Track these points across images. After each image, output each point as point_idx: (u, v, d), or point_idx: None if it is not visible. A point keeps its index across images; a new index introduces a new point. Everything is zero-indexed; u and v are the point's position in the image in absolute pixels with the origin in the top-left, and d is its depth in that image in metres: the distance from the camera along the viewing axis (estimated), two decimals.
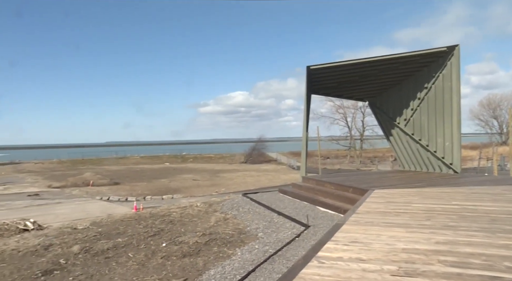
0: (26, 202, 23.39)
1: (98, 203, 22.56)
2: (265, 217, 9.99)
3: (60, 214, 17.79)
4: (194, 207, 12.14)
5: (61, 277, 6.11)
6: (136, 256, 7.02)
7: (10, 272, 6.34)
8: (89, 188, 29.98)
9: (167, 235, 8.54)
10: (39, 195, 26.81)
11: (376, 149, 59.67)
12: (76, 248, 7.56)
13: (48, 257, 7.13)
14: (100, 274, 6.18)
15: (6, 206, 21.99)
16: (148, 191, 27.97)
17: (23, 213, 16.95)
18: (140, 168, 50.09)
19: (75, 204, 22.06)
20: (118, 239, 8.24)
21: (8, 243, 8.69)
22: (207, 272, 6.05)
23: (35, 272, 6.26)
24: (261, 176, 37.68)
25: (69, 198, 25.37)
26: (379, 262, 3.56)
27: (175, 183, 32.94)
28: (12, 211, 19.68)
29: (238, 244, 7.61)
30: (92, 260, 6.92)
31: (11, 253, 7.50)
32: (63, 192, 28.70)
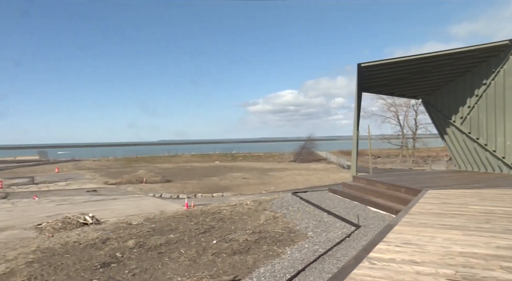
0: (85, 197, 24.61)
1: (151, 199, 23.31)
2: (315, 216, 9.87)
3: (116, 209, 18.55)
4: (244, 205, 12.22)
5: (117, 269, 6.35)
6: (188, 252, 7.16)
7: (73, 262, 6.69)
8: (143, 185, 31.03)
9: (217, 232, 8.65)
10: (96, 191, 28.13)
11: (430, 148, 57.40)
12: (131, 242, 7.83)
13: (106, 250, 7.43)
14: (153, 268, 6.36)
15: (68, 200, 23.25)
16: (199, 189, 28.53)
17: (83, 208, 17.85)
18: (191, 166, 51.24)
19: (129, 200, 22.92)
20: (170, 235, 8.44)
21: (70, 235, 9.18)
22: (257, 270, 6.06)
23: (95, 264, 6.55)
24: (311, 175, 37.35)
25: (124, 194, 26.40)
26: (434, 265, 3.41)
27: (225, 181, 33.39)
28: (73, 205, 20.77)
29: (288, 243, 7.57)
30: (146, 254, 7.13)
31: (73, 245, 7.91)
32: (118, 188, 29.91)
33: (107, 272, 6.23)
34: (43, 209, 20.23)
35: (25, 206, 21.98)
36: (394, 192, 10.51)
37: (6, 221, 16.44)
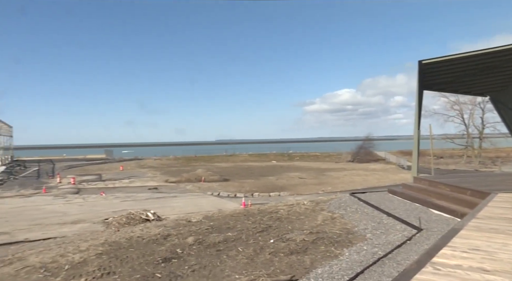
0: (147, 195, 25.68)
1: (209, 198, 23.86)
2: (374, 218, 9.63)
3: (176, 206, 19.18)
4: (301, 205, 12.18)
5: (178, 265, 6.57)
6: (245, 250, 7.26)
7: (137, 256, 7.03)
8: (201, 184, 31.83)
9: (274, 231, 8.70)
10: (157, 189, 29.25)
11: (499, 148, 53.86)
12: (190, 239, 8.07)
13: (167, 246, 7.72)
14: (212, 265, 6.51)
15: (132, 197, 24.37)
16: (256, 188, 28.81)
17: (145, 205, 18.63)
18: (248, 165, 51.82)
19: (188, 198, 23.59)
20: (229, 233, 8.60)
21: (134, 230, 9.64)
22: (314, 271, 6.02)
23: (157, 258, 6.83)
24: (369, 175, 36.46)
25: (183, 192, 27.23)
26: (507, 275, 3.18)
27: (281, 181, 33.44)
28: (136, 202, 21.75)
29: (346, 244, 7.45)
30: (205, 251, 7.32)
31: (137, 240, 8.30)
32: (178, 186, 30.90)
33: (168, 267, 6.48)
34: (109, 204, 21.37)
35: (94, 201, 23.33)
36: (458, 194, 10.01)
37: (78, 215, 17.55)
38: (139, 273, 6.16)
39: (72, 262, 6.88)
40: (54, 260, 7.07)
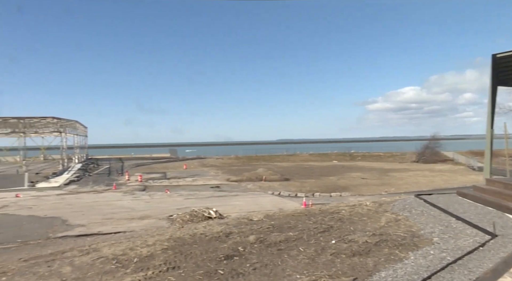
0: (209, 193, 26.34)
1: (270, 197, 23.98)
2: (441, 221, 9.18)
3: (237, 205, 19.48)
4: (363, 205, 11.90)
5: (239, 263, 6.68)
6: (307, 250, 7.23)
7: (200, 252, 7.24)
8: (262, 183, 32.07)
9: (336, 232, 8.58)
10: (219, 187, 29.88)
11: None
12: (252, 238, 8.17)
13: (229, 243, 7.88)
14: (273, 264, 6.55)
15: (195, 195, 25.11)
16: (317, 188, 28.55)
17: (207, 203, 19.12)
18: (308, 165, 51.48)
19: (249, 197, 23.85)
20: (290, 233, 8.61)
21: (197, 227, 9.94)
22: (378, 274, 5.87)
23: (219, 255, 7.00)
24: (436, 177, 34.81)
25: (245, 191, 27.59)
26: None
27: (343, 181, 32.88)
28: (199, 200, 22.38)
29: (411, 248, 7.18)
30: (266, 250, 7.38)
31: (200, 237, 8.55)
32: (239, 185, 31.36)
33: (230, 264, 6.60)
34: (173, 202, 22.17)
35: (159, 198, 24.32)
36: None
37: (145, 211, 18.39)
38: (202, 269, 6.34)
39: (140, 255, 7.23)
40: (124, 253, 7.47)
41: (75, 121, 54.08)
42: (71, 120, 50.90)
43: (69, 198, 25.85)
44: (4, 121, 45.38)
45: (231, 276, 6.03)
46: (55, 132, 49.18)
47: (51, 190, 31.24)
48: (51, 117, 43.99)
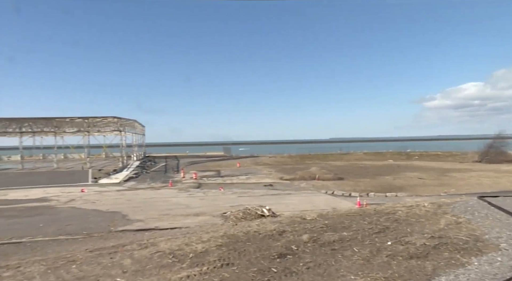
0: (262, 191, 26.51)
1: (323, 196, 23.75)
2: (509, 226, 8.62)
3: (290, 204, 19.46)
4: (421, 206, 11.46)
5: (293, 261, 6.67)
6: (361, 251, 7.08)
7: (254, 250, 7.32)
8: (315, 182, 31.82)
9: (392, 233, 8.33)
10: (272, 186, 29.99)
11: None
12: (305, 237, 8.13)
13: (282, 242, 7.89)
14: (327, 264, 6.48)
15: (248, 193, 25.38)
16: (371, 188, 27.89)
17: (260, 201, 19.26)
18: (363, 164, 50.40)
19: (302, 196, 23.76)
20: (344, 233, 8.47)
21: (251, 225, 10.03)
22: (437, 279, 5.63)
23: (272, 253, 7.03)
24: (501, 178, 32.80)
25: (297, 190, 27.51)
26: None
27: (399, 181, 31.87)
28: (252, 198, 22.59)
29: (474, 253, 6.81)
30: (320, 250, 7.31)
31: (253, 234, 8.63)
32: (292, 184, 31.32)
33: (283, 263, 6.61)
34: (227, 199, 22.53)
35: (213, 195, 24.81)
36: None
37: (200, 208, 18.85)
38: (255, 266, 6.40)
39: (196, 251, 7.42)
40: (180, 248, 7.71)
41: (134, 121, 56.51)
42: (130, 119, 53.25)
43: (128, 194, 27.05)
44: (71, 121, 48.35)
45: (284, 275, 6.04)
46: (115, 131, 51.66)
47: (112, 186, 32.86)
48: (112, 117, 46.28)
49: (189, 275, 6.03)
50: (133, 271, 6.40)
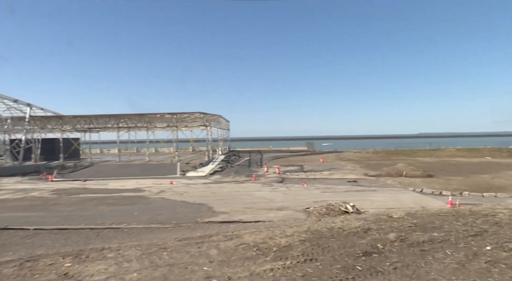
0: (346, 187, 25.98)
1: (411, 194, 22.64)
2: None
3: (375, 201, 18.84)
4: None
5: (379, 260, 6.42)
6: (455, 254, 6.60)
7: (338, 246, 7.17)
8: (402, 179, 30.44)
9: (491, 237, 7.64)
10: (356, 182, 29.26)
11: None
12: (392, 235, 7.79)
13: (367, 240, 7.63)
14: (416, 265, 6.14)
15: (331, 189, 25.03)
16: (465, 187, 25.97)
17: (343, 197, 18.87)
18: (455, 160, 47.12)
19: (388, 193, 22.88)
20: (434, 233, 7.97)
21: (335, 221, 9.87)
22: None
23: (357, 251, 6.83)
24: None
25: (383, 186, 26.52)
26: None
27: (499, 180, 29.29)
28: (335, 194, 22.24)
29: None
30: (408, 250, 6.96)
31: (338, 231, 8.47)
32: (377, 180, 30.27)
33: (368, 261, 6.39)
34: (310, 194, 22.43)
35: (296, 190, 24.85)
36: None
37: (283, 202, 18.99)
38: (339, 263, 6.26)
39: (279, 245, 7.46)
40: (264, 241, 7.81)
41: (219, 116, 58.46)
42: (215, 115, 55.19)
43: (213, 187, 28.10)
44: (161, 117, 51.39)
45: (369, 273, 5.84)
46: (202, 126, 53.86)
47: (199, 179, 34.37)
48: (199, 112, 48.31)
49: (273, 268, 6.08)
50: (219, 261, 6.61)
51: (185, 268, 6.35)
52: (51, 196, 25.15)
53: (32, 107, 49.15)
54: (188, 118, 53.80)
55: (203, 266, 6.37)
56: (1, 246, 10.89)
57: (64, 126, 56.38)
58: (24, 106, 48.54)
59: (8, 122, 48.07)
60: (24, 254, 8.87)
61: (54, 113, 52.46)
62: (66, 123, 55.77)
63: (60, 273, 6.37)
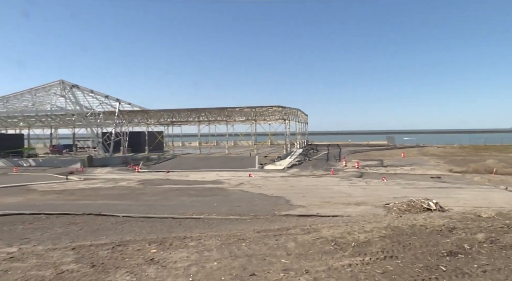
0: (428, 183, 24.76)
1: (502, 193, 21.00)
2: None
3: (461, 198, 17.75)
4: None
5: (465, 261, 6.10)
6: None
7: (420, 245, 6.92)
8: (492, 176, 28.32)
9: None
10: (440, 178, 27.77)
11: None
12: (480, 236, 7.35)
13: (452, 239, 7.27)
14: (509, 270, 5.72)
15: (412, 184, 24.02)
16: None
17: (426, 193, 18.03)
18: None
19: (475, 191, 21.48)
20: None
21: (417, 218, 9.50)
22: None
23: (441, 250, 6.54)
24: None
25: (470, 184, 24.92)
26: None
27: None
28: (417, 190, 21.32)
29: None
30: (499, 252, 6.51)
31: (420, 228, 8.16)
32: (463, 177, 28.47)
33: (453, 262, 6.10)
34: (390, 190, 21.72)
35: (376, 185, 24.20)
36: None
37: (361, 197, 18.63)
38: (421, 262, 6.05)
39: (358, 240, 7.38)
40: (342, 236, 7.76)
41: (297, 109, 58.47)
42: (293, 108, 55.28)
43: (291, 180, 28.27)
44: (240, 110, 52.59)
45: (455, 275, 5.57)
46: (280, 119, 54.24)
47: (276, 172, 34.76)
48: (277, 106, 48.71)
49: (351, 264, 6.04)
50: (297, 254, 6.70)
51: (263, 259, 6.53)
52: (138, 186, 27.00)
53: (121, 102, 52.72)
54: (266, 112, 54.48)
55: (280, 258, 6.51)
56: (96, 230, 11.95)
57: (149, 120, 59.94)
58: (113, 101, 52.25)
59: (100, 117, 52.16)
60: (115, 238, 9.68)
61: (140, 107, 55.84)
62: (151, 117, 59.26)
63: (147, 258, 6.88)
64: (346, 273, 5.67)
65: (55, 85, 48.23)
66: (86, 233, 11.57)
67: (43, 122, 63.46)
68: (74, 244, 8.81)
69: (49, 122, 64.61)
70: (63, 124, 65.56)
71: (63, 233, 11.65)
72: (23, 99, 51.74)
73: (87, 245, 8.31)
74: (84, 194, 23.53)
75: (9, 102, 51.91)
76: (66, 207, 17.58)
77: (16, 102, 52.39)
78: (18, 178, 34.35)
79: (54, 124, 66.72)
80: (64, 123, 64.70)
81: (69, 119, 56.48)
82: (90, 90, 49.75)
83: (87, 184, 29.14)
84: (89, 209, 16.10)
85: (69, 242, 9.53)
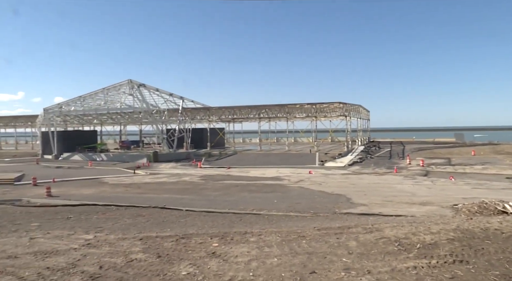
0: (503, 184, 23.08)
1: None
2: None
3: None
4: None
5: None
6: None
7: (495, 250, 6.38)
8: None
9: None
10: None
11: None
12: None
13: None
14: None
15: (484, 185, 22.52)
16: None
17: (500, 195, 16.83)
18: None
19: None
20: None
21: (490, 221, 8.83)
22: None
23: None
24: None
25: None
26: None
27: None
28: (490, 191, 19.95)
29: None
30: None
31: (494, 232, 7.56)
32: None
33: None
34: (458, 190, 20.52)
35: (442, 185, 22.99)
36: None
37: (427, 197, 17.76)
38: (497, 269, 5.57)
39: (423, 242, 6.99)
40: (406, 237, 7.39)
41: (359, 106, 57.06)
42: (355, 104, 54.00)
43: (352, 178, 27.62)
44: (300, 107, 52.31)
45: None
46: (341, 116, 53.23)
47: (337, 169, 34.15)
48: (338, 102, 47.84)
49: (416, 266, 5.72)
50: (358, 254, 6.48)
51: (324, 257, 6.38)
52: (200, 181, 27.68)
53: (184, 100, 54.32)
54: (327, 109, 53.66)
55: (341, 257, 6.32)
56: (161, 223, 12.40)
57: (211, 117, 61.31)
58: (177, 99, 53.94)
59: (165, 114, 54.16)
60: (179, 231, 9.98)
61: (203, 105, 57.21)
62: (213, 114, 60.58)
63: (209, 251, 6.99)
64: (411, 276, 5.37)
65: (124, 85, 50.66)
66: (152, 225, 12.07)
67: (114, 119, 67.00)
68: (142, 235, 9.23)
69: (119, 120, 68.07)
70: (131, 121, 68.79)
71: (132, 224, 12.25)
72: (97, 98, 55.00)
73: (153, 236, 8.66)
74: (149, 188, 24.56)
75: (85, 101, 55.47)
76: (134, 199, 18.45)
77: (91, 101, 55.83)
78: (92, 171, 36.68)
79: (123, 121, 70.21)
80: (132, 121, 67.88)
81: (137, 116, 59.09)
82: (156, 88, 51.72)
83: (152, 178, 30.38)
84: (154, 202, 16.78)
85: (137, 232, 10.00)
